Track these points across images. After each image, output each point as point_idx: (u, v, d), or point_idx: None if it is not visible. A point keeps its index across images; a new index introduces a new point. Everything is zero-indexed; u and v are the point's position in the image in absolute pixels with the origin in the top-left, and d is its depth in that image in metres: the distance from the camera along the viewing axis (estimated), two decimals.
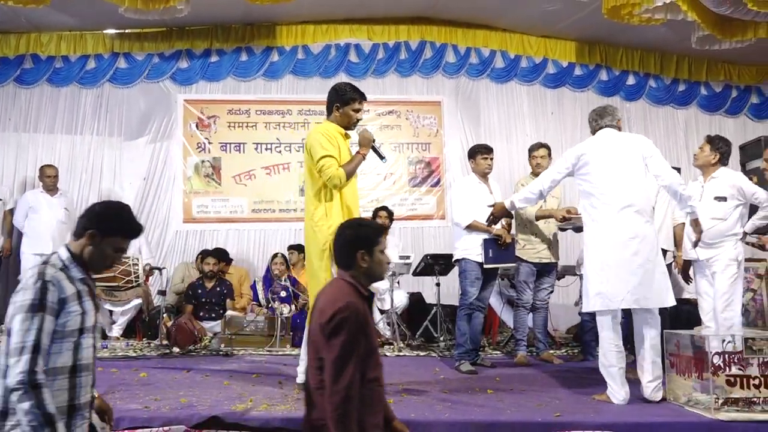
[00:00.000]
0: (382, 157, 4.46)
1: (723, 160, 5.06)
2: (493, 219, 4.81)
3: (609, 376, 4.03)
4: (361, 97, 4.33)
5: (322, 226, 4.07)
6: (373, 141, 4.28)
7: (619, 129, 4.45)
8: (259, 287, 7.04)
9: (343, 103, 4.27)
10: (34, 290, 2.24)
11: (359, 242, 2.69)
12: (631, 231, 4.05)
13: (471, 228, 5.43)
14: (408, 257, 6.76)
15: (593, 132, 4.46)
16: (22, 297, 2.23)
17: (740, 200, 4.91)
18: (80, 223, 2.43)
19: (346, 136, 4.37)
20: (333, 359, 2.47)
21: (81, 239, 2.41)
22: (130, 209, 2.53)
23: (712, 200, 4.88)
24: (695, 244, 4.71)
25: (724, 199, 4.88)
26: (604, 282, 4.06)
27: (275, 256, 7.11)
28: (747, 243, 5.16)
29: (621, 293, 4.01)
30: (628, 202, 4.10)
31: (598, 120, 4.44)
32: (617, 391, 3.98)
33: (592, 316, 5.52)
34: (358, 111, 4.31)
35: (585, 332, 5.90)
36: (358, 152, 4.21)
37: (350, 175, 4.11)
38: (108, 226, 2.42)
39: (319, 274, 4.02)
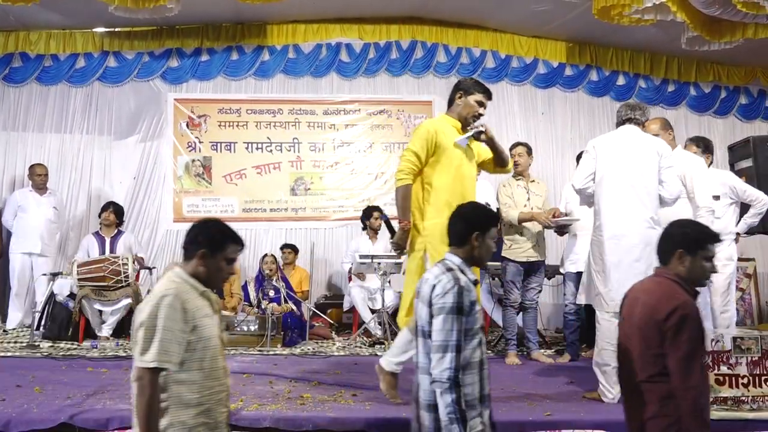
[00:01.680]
0: (393, 234, 4.30)
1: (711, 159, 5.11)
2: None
3: (602, 375, 4.03)
4: (485, 90, 4.13)
5: (418, 225, 3.93)
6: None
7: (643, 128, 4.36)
8: (251, 287, 7.02)
9: (466, 93, 4.08)
10: (454, 294, 2.49)
11: (683, 242, 2.76)
12: (637, 237, 4.03)
13: None
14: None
15: (617, 126, 4.41)
16: (443, 300, 2.49)
17: (732, 198, 4.94)
18: (463, 228, 2.68)
19: (463, 132, 4.11)
20: (682, 357, 2.58)
21: (468, 244, 2.66)
22: None
23: None
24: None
25: (717, 197, 4.90)
26: (605, 284, 4.06)
27: (265, 256, 7.10)
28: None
29: (618, 297, 3.99)
30: (639, 206, 4.07)
31: (629, 112, 4.34)
32: (609, 390, 3.99)
33: (577, 315, 5.56)
34: (480, 104, 4.09)
35: (571, 332, 5.92)
36: (405, 224, 3.95)
37: (398, 196, 3.98)
38: (487, 225, 2.70)
39: (413, 271, 3.92)
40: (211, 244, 2.51)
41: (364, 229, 7.48)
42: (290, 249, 7.66)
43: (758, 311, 7.97)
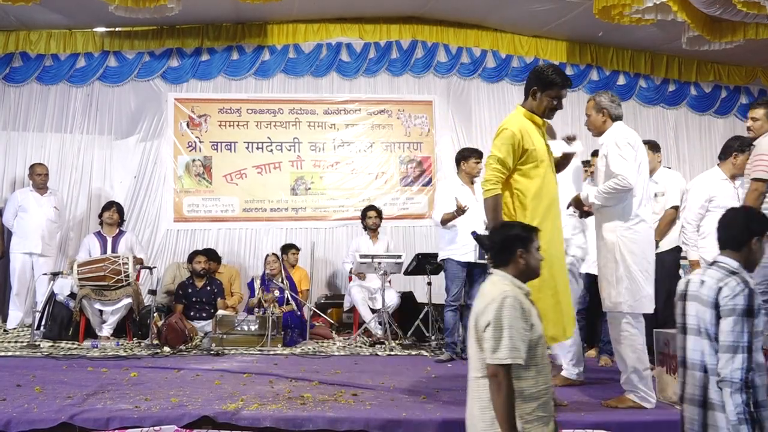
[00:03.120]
0: (485, 247, 3.85)
1: None
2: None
3: (643, 380, 3.81)
4: (564, 82, 3.78)
5: None
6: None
7: None
8: (257, 284, 6.99)
9: (543, 87, 3.74)
10: (745, 297, 2.55)
11: None
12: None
13: (444, 222, 5.58)
14: (399, 256, 6.76)
15: (612, 119, 4.09)
16: (733, 302, 2.55)
17: None
18: (742, 232, 2.72)
19: (543, 125, 3.87)
20: None
21: (745, 248, 2.71)
22: None
23: None
24: None
25: None
26: (649, 285, 3.89)
27: (268, 256, 7.10)
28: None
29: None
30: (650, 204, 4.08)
31: (619, 108, 4.11)
32: (650, 395, 3.81)
33: (583, 315, 5.49)
34: (558, 99, 3.77)
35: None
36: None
37: (488, 207, 3.63)
38: (766, 229, 2.76)
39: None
40: (522, 241, 2.69)
41: (364, 228, 7.48)
42: (296, 249, 7.70)
43: None
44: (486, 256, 4.84)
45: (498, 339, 2.45)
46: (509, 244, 2.69)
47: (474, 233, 3.50)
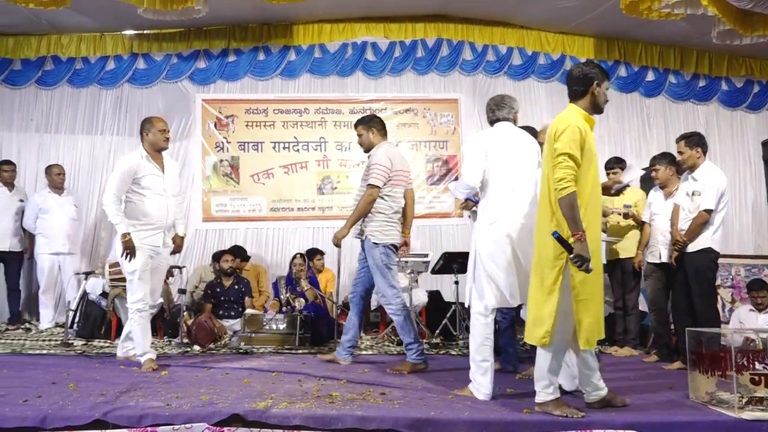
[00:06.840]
0: (570, 249, 3.40)
1: None
2: None
3: (479, 369, 3.99)
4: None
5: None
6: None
7: (515, 122, 4.33)
8: (281, 284, 7.04)
9: (602, 78, 3.71)
10: None
11: None
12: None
13: None
14: (426, 255, 6.75)
15: (490, 123, 4.32)
16: None
17: None
18: None
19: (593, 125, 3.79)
20: None
21: None
22: None
23: None
24: None
25: None
26: (489, 284, 4.02)
27: (295, 257, 7.14)
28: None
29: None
30: (521, 198, 4.04)
31: (496, 111, 4.29)
32: (483, 386, 3.95)
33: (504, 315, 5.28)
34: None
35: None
36: (580, 235, 3.36)
37: (565, 205, 3.43)
38: None
39: (545, 283, 3.53)
40: None
41: None
42: (320, 255, 7.71)
43: None
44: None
45: None
46: None
47: (555, 233, 3.44)
